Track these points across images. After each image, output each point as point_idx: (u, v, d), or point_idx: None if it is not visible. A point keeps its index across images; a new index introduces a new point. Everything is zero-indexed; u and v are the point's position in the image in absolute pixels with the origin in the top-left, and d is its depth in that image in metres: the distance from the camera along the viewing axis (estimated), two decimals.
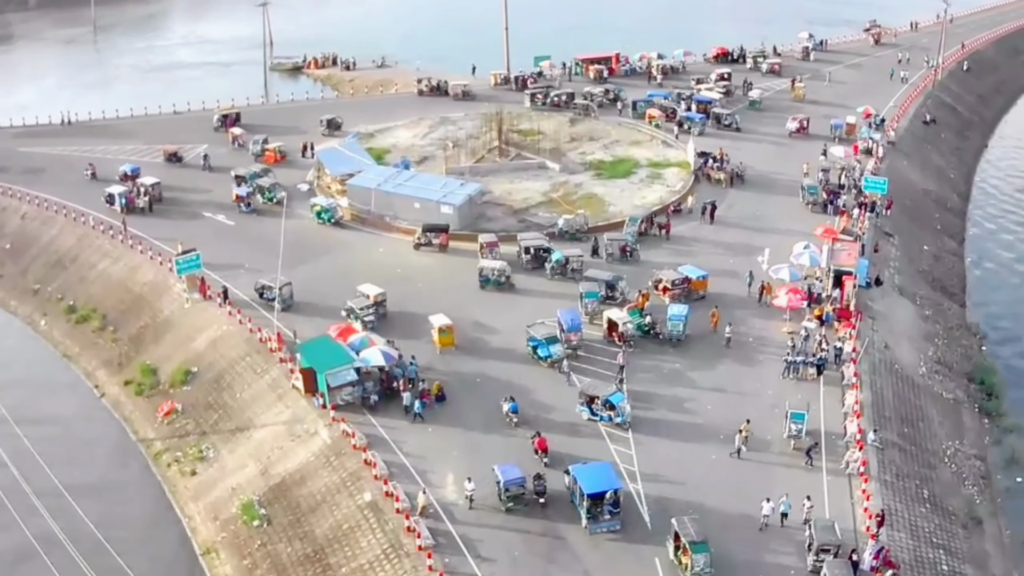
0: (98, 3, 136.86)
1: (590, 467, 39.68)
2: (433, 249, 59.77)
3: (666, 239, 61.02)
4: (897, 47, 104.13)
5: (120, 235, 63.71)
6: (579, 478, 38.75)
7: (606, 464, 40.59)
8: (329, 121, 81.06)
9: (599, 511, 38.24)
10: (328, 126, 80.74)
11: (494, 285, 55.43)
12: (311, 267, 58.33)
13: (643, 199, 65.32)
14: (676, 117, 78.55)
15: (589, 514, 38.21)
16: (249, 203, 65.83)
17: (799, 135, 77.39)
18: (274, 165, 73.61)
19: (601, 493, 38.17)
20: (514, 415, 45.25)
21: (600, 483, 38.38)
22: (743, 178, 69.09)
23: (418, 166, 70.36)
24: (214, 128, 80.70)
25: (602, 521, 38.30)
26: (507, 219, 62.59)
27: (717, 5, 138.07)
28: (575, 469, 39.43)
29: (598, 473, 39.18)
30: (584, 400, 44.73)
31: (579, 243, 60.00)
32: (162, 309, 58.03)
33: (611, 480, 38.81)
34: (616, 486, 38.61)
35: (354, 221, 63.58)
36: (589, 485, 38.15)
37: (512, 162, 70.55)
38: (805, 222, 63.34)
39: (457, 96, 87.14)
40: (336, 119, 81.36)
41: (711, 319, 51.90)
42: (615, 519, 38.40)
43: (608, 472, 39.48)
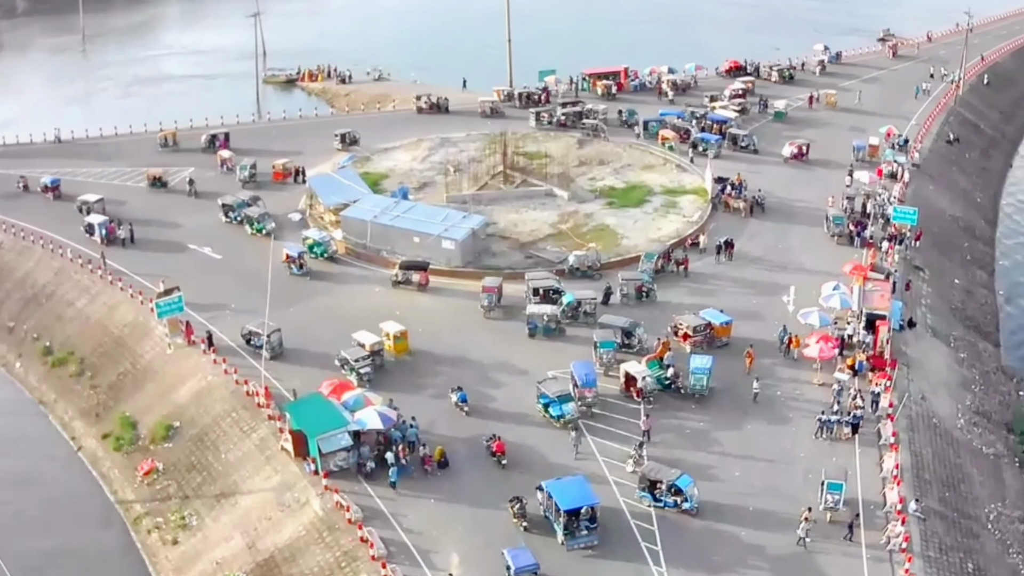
0: (88, 10, 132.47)
1: (565, 483, 39.00)
2: (412, 288, 55.82)
3: (684, 276, 56.97)
4: (915, 59, 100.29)
5: (99, 269, 59.83)
6: (554, 494, 38.13)
7: (580, 479, 39.72)
8: (344, 136, 77.18)
9: (576, 527, 37.82)
10: (343, 141, 76.88)
11: (544, 333, 51.10)
12: (302, 308, 54.42)
13: (658, 231, 61.18)
14: (690, 138, 74.53)
15: (566, 530, 37.73)
16: (302, 264, 58.02)
17: (797, 161, 73.22)
18: (281, 182, 70.12)
19: (578, 509, 37.71)
20: (463, 405, 45.67)
21: (576, 499, 37.91)
22: (763, 206, 64.88)
23: (417, 193, 66.28)
24: (202, 149, 76.42)
25: (579, 536, 37.85)
26: (513, 255, 58.41)
27: (722, 15, 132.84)
28: (549, 485, 38.73)
29: (573, 489, 38.55)
30: (645, 485, 40.02)
31: (591, 280, 56.19)
32: (142, 354, 54.01)
33: (587, 496, 38.25)
34: (592, 501, 38.16)
35: (348, 255, 59.41)
36: (565, 501, 37.69)
37: (517, 189, 66.36)
38: (831, 256, 59.47)
39: (485, 113, 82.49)
40: (352, 133, 77.48)
41: (746, 360, 48.34)
42: (592, 534, 37.93)
43: (583, 487, 38.81)
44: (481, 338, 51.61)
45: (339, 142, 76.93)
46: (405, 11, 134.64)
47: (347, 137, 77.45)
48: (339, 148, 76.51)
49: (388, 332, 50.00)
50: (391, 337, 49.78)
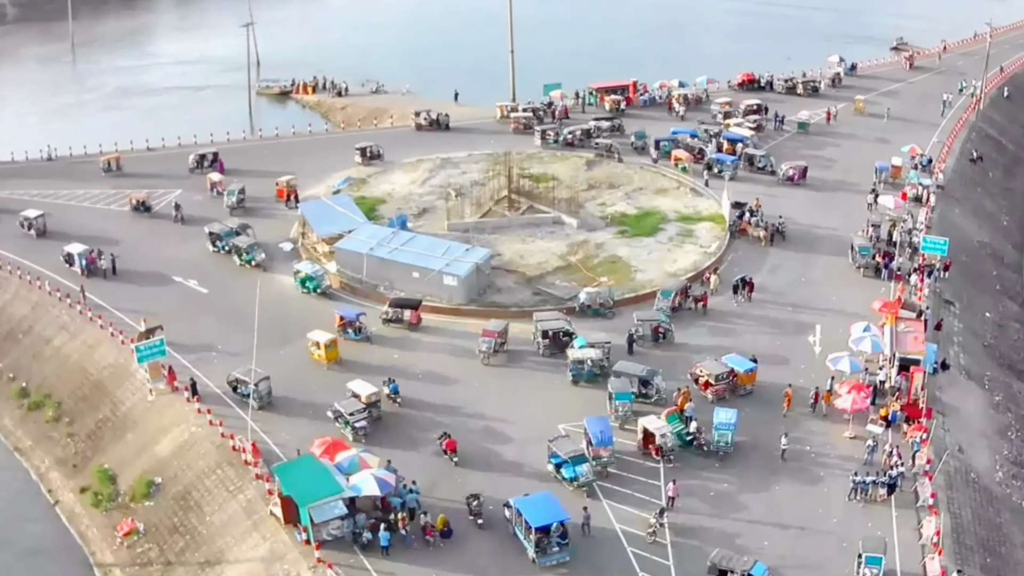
0: (80, 16, 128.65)
1: (533, 499, 38.42)
2: (402, 326, 52.19)
3: (703, 313, 53.40)
4: (932, 71, 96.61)
5: (78, 304, 56.16)
6: (524, 511, 37.66)
7: (548, 495, 39.00)
8: (366, 150, 73.49)
9: (547, 544, 37.40)
10: (364, 155, 73.24)
11: (588, 378, 47.19)
12: (293, 349, 50.69)
13: (674, 263, 57.46)
14: (704, 159, 70.82)
15: (537, 547, 37.27)
16: (360, 327, 51.38)
17: (795, 183, 69.28)
18: (284, 201, 66.54)
19: (548, 526, 37.31)
20: (395, 396, 46.08)
21: (546, 516, 37.48)
22: (784, 234, 61.26)
23: (416, 220, 62.54)
24: (189, 169, 72.56)
25: (551, 553, 37.41)
26: (520, 291, 54.64)
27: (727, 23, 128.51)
28: (518, 502, 38.17)
29: (543, 505, 37.99)
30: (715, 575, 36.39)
31: (603, 319, 52.62)
32: (123, 400, 50.31)
33: (557, 512, 37.75)
34: (563, 518, 37.66)
35: (343, 289, 55.68)
36: (536, 519, 37.22)
37: (523, 216, 62.46)
38: (858, 290, 55.98)
39: (518, 129, 77.91)
40: (374, 148, 73.82)
41: (785, 400, 45.42)
42: (564, 550, 37.53)
43: (553, 504, 38.22)
44: (486, 385, 47.86)
45: (359, 156, 73.38)
46: (404, 20, 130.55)
47: (369, 151, 73.73)
48: (359, 162, 72.98)
49: (318, 341, 49.52)
50: (321, 347, 49.29)
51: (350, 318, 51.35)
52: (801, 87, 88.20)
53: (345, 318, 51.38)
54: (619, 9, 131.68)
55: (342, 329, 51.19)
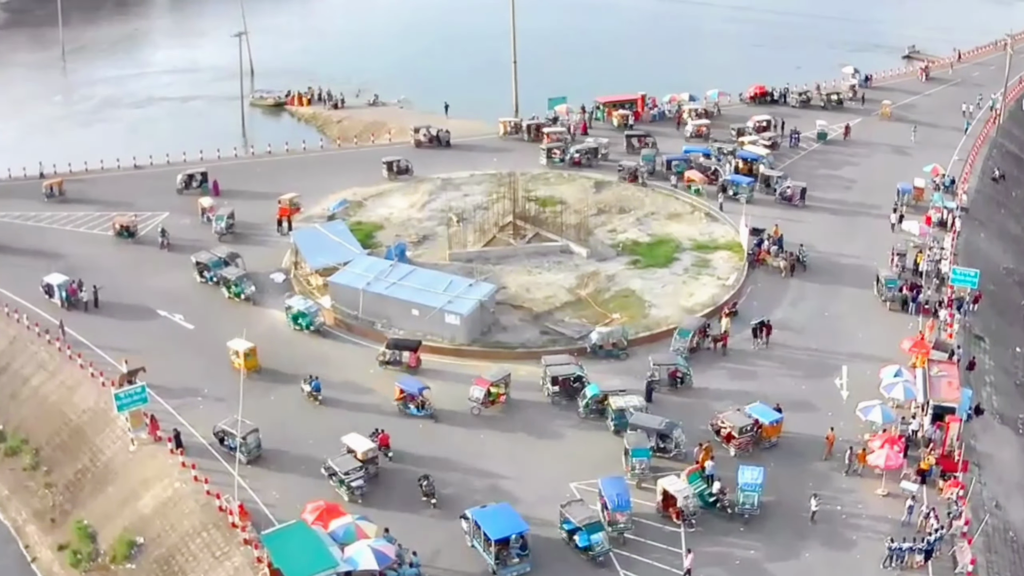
0: (72, 21, 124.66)
1: (491, 511, 37.95)
2: (400, 368, 48.71)
3: (722, 354, 50.17)
4: (949, 82, 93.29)
5: (57, 340, 52.81)
6: (482, 523, 37.17)
7: (505, 506, 38.61)
8: (393, 165, 70.12)
9: (507, 555, 36.93)
10: (391, 170, 69.95)
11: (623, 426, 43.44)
12: (284, 395, 47.44)
13: (690, 297, 54.11)
14: (719, 180, 67.29)
15: (497, 559, 36.79)
16: (424, 403, 45.37)
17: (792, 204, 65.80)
18: (288, 218, 63.03)
19: (508, 538, 36.84)
20: (317, 394, 46.06)
21: (505, 527, 37.04)
22: (805, 264, 57.99)
23: (416, 248, 59.10)
24: (177, 190, 68.87)
25: (512, 565, 36.99)
26: (527, 329, 51.18)
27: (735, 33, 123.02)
28: (475, 514, 37.74)
29: (500, 517, 37.53)
30: None
31: (616, 361, 49.36)
32: (103, 449, 46.93)
33: (516, 523, 37.41)
34: (522, 529, 37.26)
35: (338, 327, 52.30)
36: (494, 531, 36.76)
37: (529, 244, 58.95)
38: (885, 326, 52.88)
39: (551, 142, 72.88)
40: (403, 162, 70.49)
41: (827, 443, 43.04)
42: (524, 561, 37.16)
43: (511, 515, 37.81)
44: (491, 437, 44.53)
45: (387, 170, 70.06)
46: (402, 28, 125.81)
47: (396, 165, 70.35)
48: (387, 177, 69.82)
49: (237, 350, 48.41)
50: (241, 355, 48.09)
51: (411, 391, 45.65)
52: (825, 100, 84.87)
53: (406, 391, 45.81)
54: (622, 20, 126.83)
55: (402, 403, 45.74)
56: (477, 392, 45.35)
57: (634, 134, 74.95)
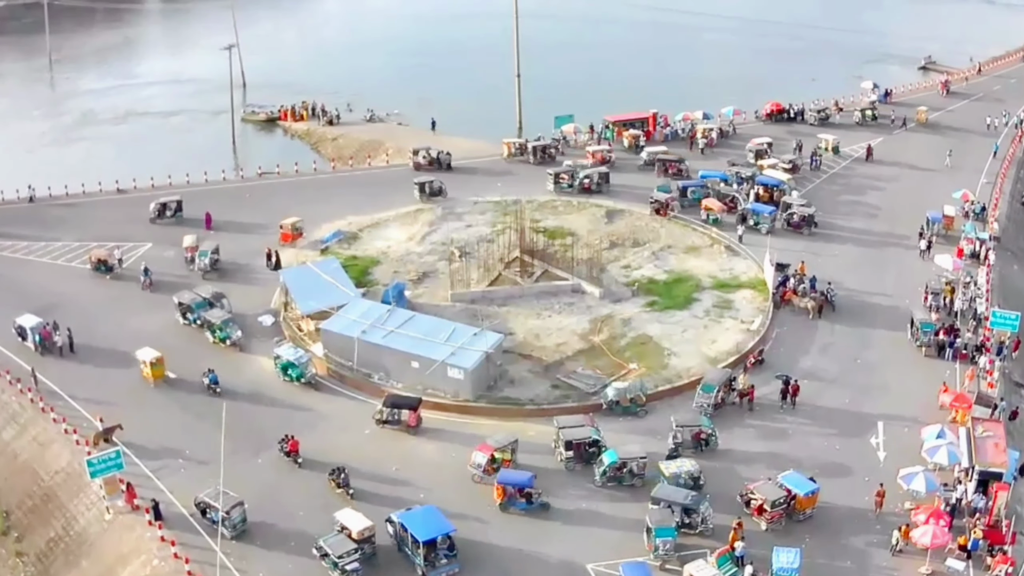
0: (61, 29, 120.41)
1: (417, 513, 37.93)
2: (399, 428, 44.45)
3: (749, 410, 46.04)
4: (971, 97, 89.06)
5: (30, 390, 48.47)
6: (409, 526, 37.23)
7: (431, 508, 38.39)
8: (425, 186, 66.33)
9: (435, 557, 37.00)
10: (423, 191, 66.16)
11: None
12: (272, 459, 43.02)
13: (712, 344, 49.88)
14: (739, 209, 63.05)
15: (426, 561, 36.74)
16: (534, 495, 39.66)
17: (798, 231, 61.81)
18: (290, 245, 59.99)
19: (435, 539, 36.95)
20: (215, 386, 46.65)
21: (432, 529, 37.14)
22: (833, 304, 53.98)
23: (416, 287, 54.80)
24: (150, 219, 64.30)
25: (440, 567, 37.01)
26: (537, 382, 46.84)
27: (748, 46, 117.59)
28: (402, 516, 37.76)
29: (427, 519, 37.57)
30: None
31: (635, 418, 45.25)
32: (77, 516, 42.68)
33: (442, 524, 37.49)
34: (449, 530, 37.40)
35: (331, 377, 48.03)
36: (422, 532, 36.83)
37: (537, 283, 54.66)
38: (921, 375, 48.81)
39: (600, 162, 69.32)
40: (435, 184, 66.66)
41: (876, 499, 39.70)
42: (453, 562, 37.22)
43: (437, 516, 37.80)
44: (499, 511, 40.19)
45: (418, 192, 66.27)
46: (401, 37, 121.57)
47: (428, 187, 66.48)
48: (419, 199, 66.16)
49: (144, 360, 48.30)
50: (148, 364, 48.08)
51: (520, 483, 39.73)
52: (860, 115, 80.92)
53: (508, 486, 39.70)
54: (628, 32, 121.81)
55: (507, 501, 39.76)
56: (480, 458, 41.19)
57: (666, 158, 70.11)
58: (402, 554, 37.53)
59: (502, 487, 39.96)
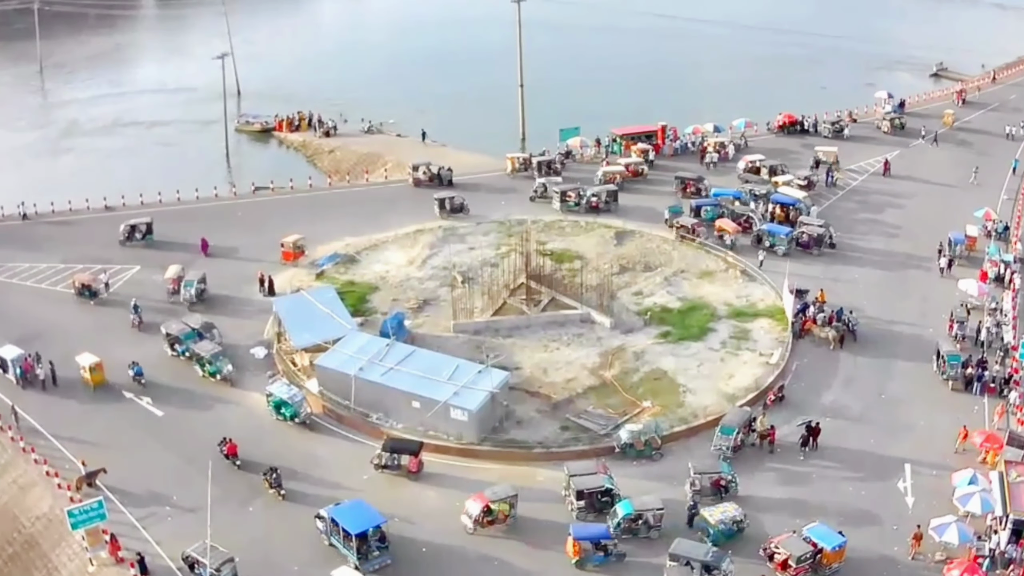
0: (54, 35, 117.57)
1: (346, 507, 38.27)
2: (398, 472, 41.78)
3: (769, 452, 43.40)
4: (987, 107, 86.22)
5: (10, 428, 45.75)
6: (340, 520, 37.58)
7: (360, 502, 38.74)
8: (445, 202, 63.54)
9: (367, 549, 37.13)
10: (444, 208, 63.40)
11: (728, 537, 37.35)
12: (265, 505, 40.43)
13: (730, 379, 47.15)
14: (754, 229, 60.21)
15: (359, 554, 36.95)
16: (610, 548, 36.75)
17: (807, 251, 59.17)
18: (292, 263, 57.78)
19: (366, 531, 37.23)
20: (140, 378, 47.52)
21: (363, 522, 37.41)
22: (855, 333, 51.36)
23: (415, 316, 52.04)
24: (119, 241, 61.39)
25: (373, 559, 37.23)
26: (545, 423, 44.03)
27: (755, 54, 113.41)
28: (332, 511, 38.07)
29: (357, 512, 37.93)
30: None
31: (650, 462, 42.48)
32: (59, 567, 39.82)
33: (373, 517, 37.82)
34: (380, 522, 37.72)
35: (327, 416, 45.23)
36: (353, 526, 37.16)
37: (544, 313, 51.92)
38: (949, 411, 46.27)
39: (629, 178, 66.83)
40: (456, 200, 63.87)
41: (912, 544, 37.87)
42: (385, 554, 37.50)
43: (367, 509, 38.15)
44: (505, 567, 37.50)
45: (438, 208, 63.56)
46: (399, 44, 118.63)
47: (449, 203, 63.76)
48: (439, 215, 63.51)
49: (84, 365, 48.35)
50: (87, 370, 48.12)
51: (596, 536, 36.94)
52: (888, 124, 78.46)
53: (582, 539, 36.78)
54: (632, 41, 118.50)
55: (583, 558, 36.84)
56: (473, 508, 38.54)
57: (685, 176, 67.26)
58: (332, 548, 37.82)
59: (578, 543, 36.91)
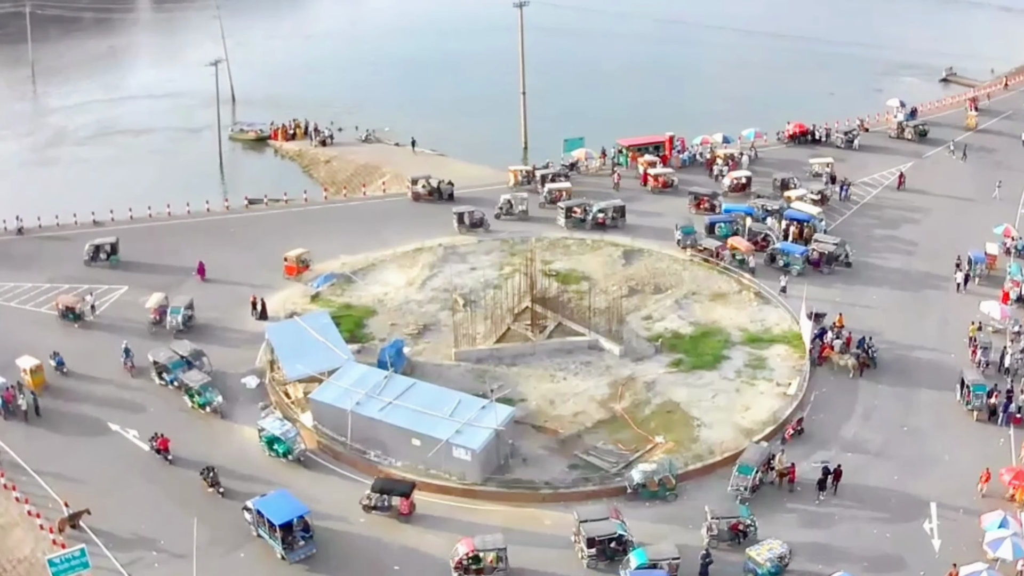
0: (48, 38, 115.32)
1: (270, 499, 38.66)
2: (389, 514, 39.45)
3: (789, 491, 41.16)
4: (1000, 115, 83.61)
5: None
6: (264, 511, 38.01)
7: (284, 492, 39.13)
8: (463, 216, 61.47)
9: (292, 539, 37.63)
10: (463, 223, 61.38)
11: None
12: (256, 553, 37.84)
13: (746, 412, 44.79)
14: (769, 248, 57.61)
15: (284, 544, 37.48)
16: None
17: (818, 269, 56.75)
18: (294, 278, 56.03)
19: (291, 521, 37.67)
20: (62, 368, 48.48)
21: (287, 512, 37.82)
22: (875, 360, 49.06)
23: (415, 343, 49.60)
24: (84, 261, 58.84)
25: (298, 549, 37.77)
26: (553, 461, 41.58)
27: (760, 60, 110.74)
28: (256, 503, 38.54)
29: (281, 503, 38.32)
30: None
31: (663, 503, 40.29)
32: None
33: (296, 507, 38.22)
34: (303, 512, 38.15)
35: (323, 452, 42.79)
36: (277, 516, 37.58)
37: (550, 340, 49.50)
38: (974, 444, 44.16)
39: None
40: (476, 214, 61.68)
41: None
42: (310, 543, 37.98)
43: (290, 500, 38.56)
44: None
45: (457, 222, 61.40)
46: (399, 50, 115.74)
47: (468, 218, 61.63)
48: (458, 230, 61.45)
49: (24, 368, 47.97)
50: (28, 372, 47.83)
51: None
52: (911, 131, 76.26)
53: None
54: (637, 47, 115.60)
55: None
56: (460, 550, 36.29)
57: (698, 192, 64.82)
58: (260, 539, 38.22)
59: None
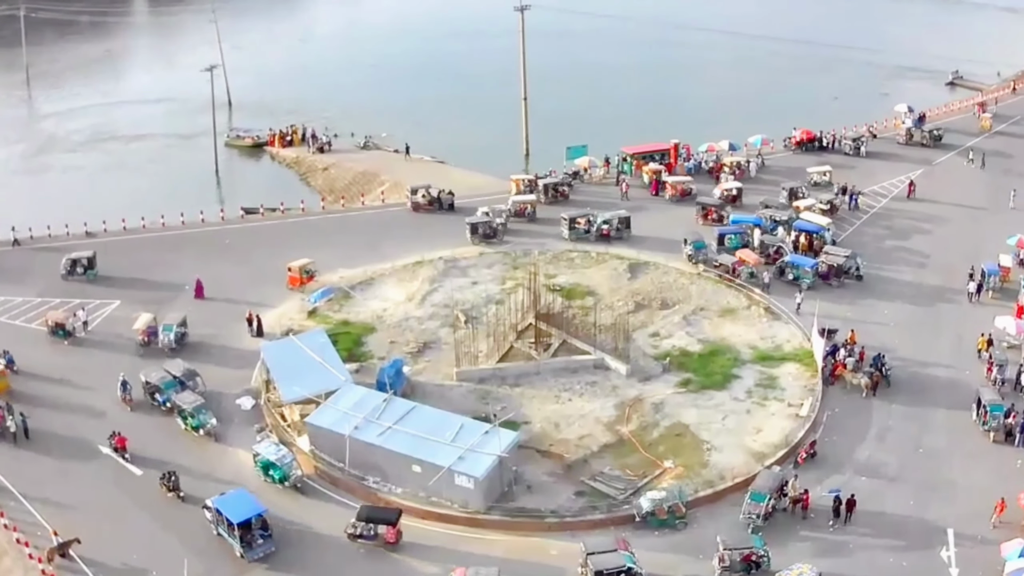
0: (43, 40, 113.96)
1: (228, 497, 38.84)
2: (375, 543, 37.97)
3: (802, 518, 39.74)
4: (1010, 120, 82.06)
5: None
6: (223, 510, 38.18)
7: (242, 491, 39.36)
8: (478, 227, 59.95)
9: (251, 537, 37.78)
10: (476, 233, 59.86)
11: None
12: None
13: (757, 435, 43.32)
14: (779, 260, 56.06)
15: (243, 542, 37.59)
16: None
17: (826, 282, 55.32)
18: (298, 289, 54.79)
19: (249, 520, 37.81)
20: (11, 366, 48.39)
21: (245, 511, 37.96)
22: (888, 378, 47.63)
23: (415, 362, 48.10)
24: (61, 276, 57.32)
25: (257, 547, 37.87)
26: (558, 489, 40.09)
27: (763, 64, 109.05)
28: (215, 502, 38.71)
29: (239, 502, 38.50)
30: None
31: (673, 531, 38.91)
32: None
33: (254, 506, 38.40)
34: (261, 510, 38.30)
35: (320, 478, 41.32)
36: (235, 515, 37.73)
37: (555, 358, 48.05)
38: (990, 467, 42.74)
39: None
40: (492, 224, 60.26)
41: None
42: (268, 542, 38.07)
43: (248, 499, 38.78)
44: None
45: (470, 233, 59.94)
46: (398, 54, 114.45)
47: (481, 228, 60.18)
48: (471, 241, 60.14)
49: None
50: None
51: None
52: (926, 136, 75.04)
53: None
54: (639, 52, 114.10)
55: None
56: None
57: (706, 202, 63.13)
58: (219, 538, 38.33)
59: None
